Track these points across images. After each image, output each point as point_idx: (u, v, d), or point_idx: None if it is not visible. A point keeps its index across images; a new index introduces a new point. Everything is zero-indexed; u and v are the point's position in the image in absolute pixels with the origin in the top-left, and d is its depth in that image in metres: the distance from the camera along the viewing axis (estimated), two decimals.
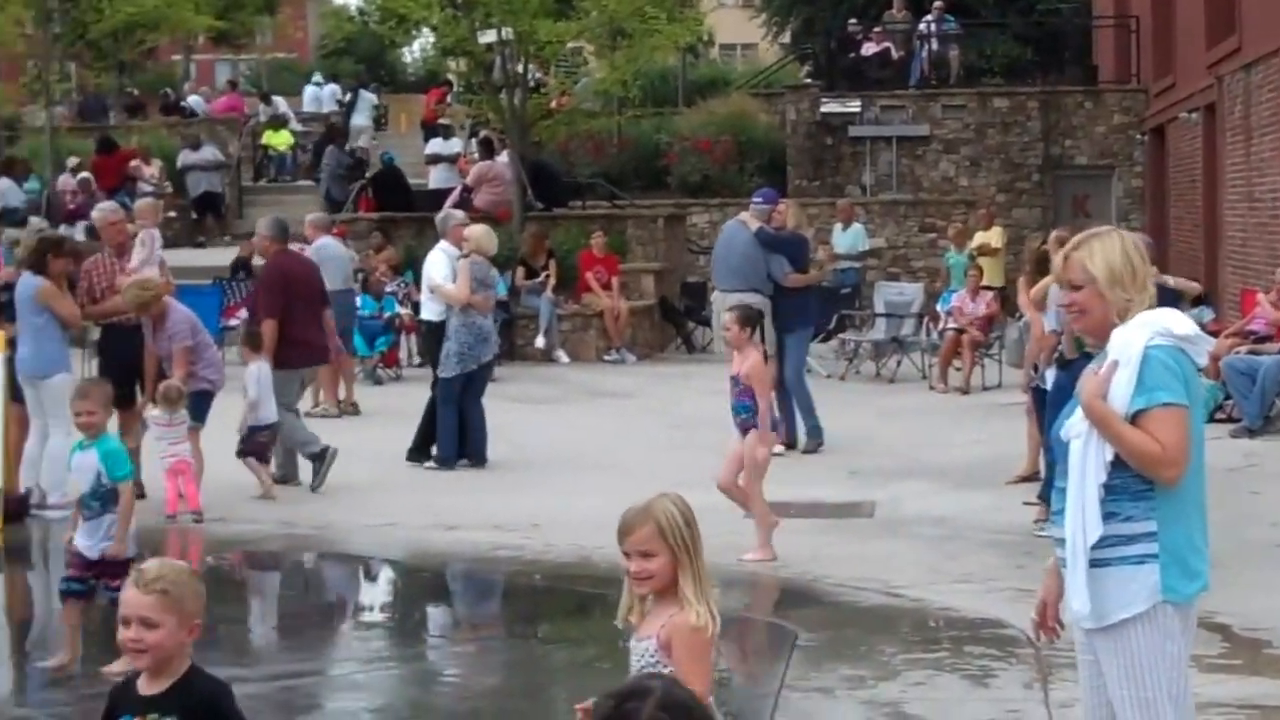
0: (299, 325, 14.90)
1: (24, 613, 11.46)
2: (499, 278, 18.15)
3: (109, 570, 8.91)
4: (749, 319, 11.91)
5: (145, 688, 4.71)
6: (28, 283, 13.56)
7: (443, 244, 16.56)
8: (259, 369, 14.42)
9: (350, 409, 18.93)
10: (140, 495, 13.96)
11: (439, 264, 16.31)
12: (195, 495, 13.39)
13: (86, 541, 9.08)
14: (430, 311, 16.66)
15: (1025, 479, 13.70)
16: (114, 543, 9.02)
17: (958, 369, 20.83)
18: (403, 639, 10.82)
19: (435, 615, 11.84)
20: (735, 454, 11.70)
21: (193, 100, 41.04)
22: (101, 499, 9.10)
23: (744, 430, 11.61)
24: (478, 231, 16.27)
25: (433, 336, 16.24)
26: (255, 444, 14.34)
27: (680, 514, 5.09)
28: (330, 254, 19.09)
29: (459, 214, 18.18)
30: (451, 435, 15.47)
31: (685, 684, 4.82)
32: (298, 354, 14.92)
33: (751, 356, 11.64)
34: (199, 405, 13.79)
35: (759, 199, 17.10)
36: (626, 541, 5.09)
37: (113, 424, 14.00)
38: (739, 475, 11.69)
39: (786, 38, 41.43)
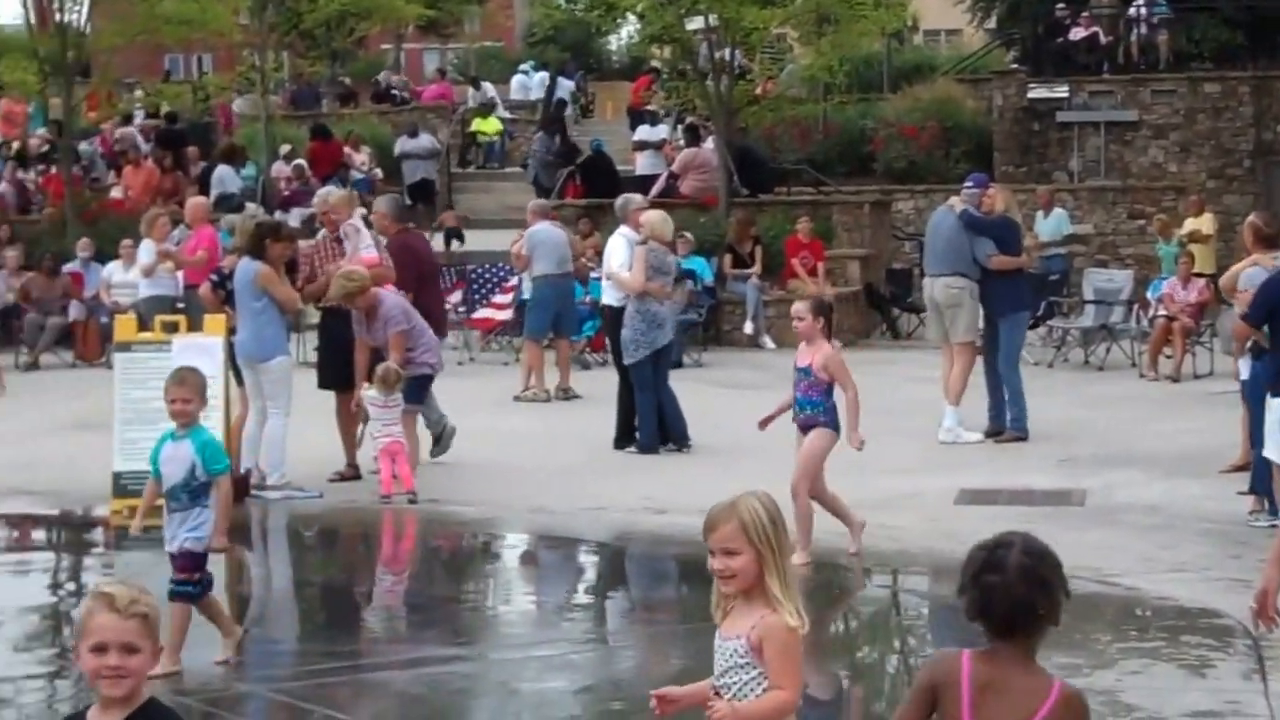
0: (425, 299, 15.26)
1: (246, 590, 11.75)
2: (677, 263, 18.13)
3: (180, 563, 8.71)
4: (821, 309, 11.38)
5: (99, 718, 4.40)
6: (246, 267, 13.84)
7: (623, 229, 16.58)
8: None
9: (562, 394, 19.11)
10: (355, 476, 14.39)
11: (618, 250, 16.32)
12: (409, 476, 13.63)
13: (167, 533, 8.82)
14: (611, 297, 16.62)
15: (1239, 468, 13.50)
16: (212, 537, 8.73)
17: (1168, 356, 20.52)
18: (617, 620, 10.97)
19: (649, 597, 11.90)
20: (805, 452, 11.23)
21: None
22: (192, 492, 8.75)
23: (805, 427, 11.19)
24: (654, 218, 16.16)
25: (614, 322, 16.26)
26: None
27: (766, 512, 4.98)
28: (547, 238, 19.35)
29: (638, 198, 18.15)
30: (651, 421, 15.54)
31: (777, 686, 5.00)
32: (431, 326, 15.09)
33: (824, 348, 11.13)
34: (418, 388, 14.05)
35: (969, 183, 17.01)
36: (711, 538, 5.00)
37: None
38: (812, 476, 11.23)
39: (992, 23, 40.98)
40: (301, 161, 30.33)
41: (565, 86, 39.13)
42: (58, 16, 27.81)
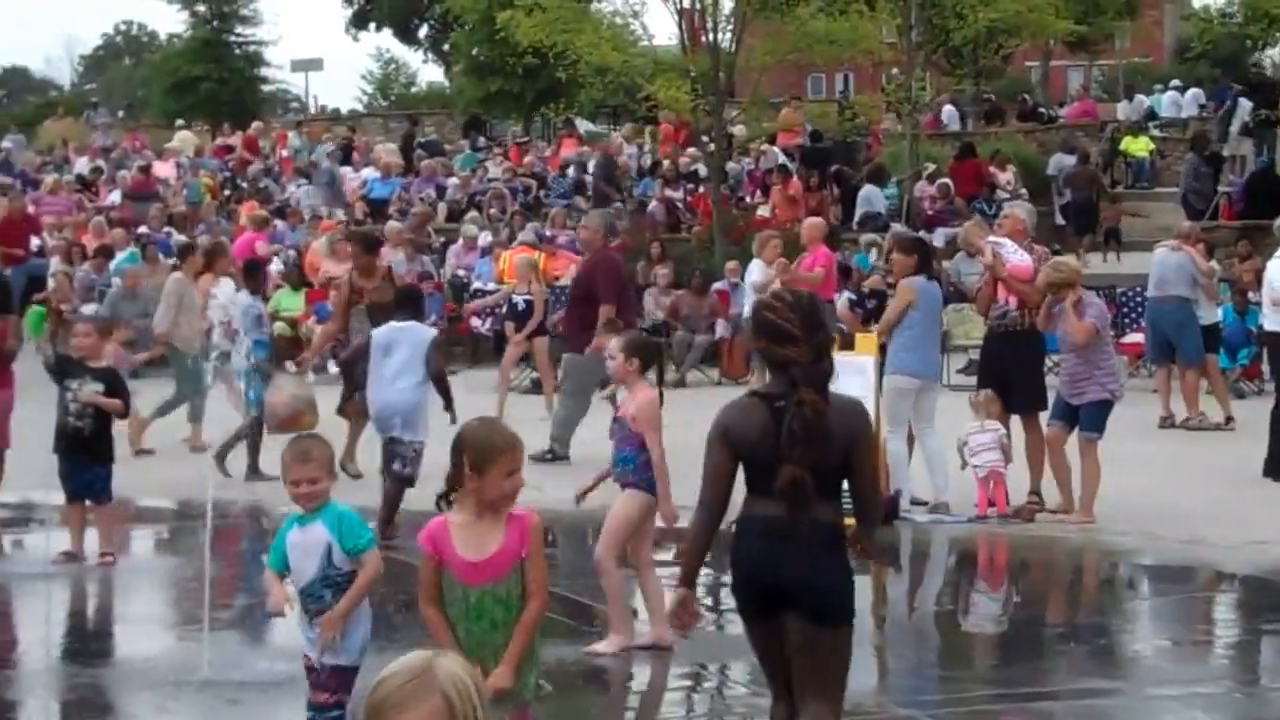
0: (625, 312, 16.25)
1: (889, 612, 11.54)
2: None
3: (324, 679, 7.08)
4: (635, 348, 9.61)
5: None
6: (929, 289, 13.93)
7: None
8: None
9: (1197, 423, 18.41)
10: (1038, 505, 13.90)
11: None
12: (1003, 500, 13.55)
13: (306, 639, 7.18)
14: (1273, 322, 15.96)
15: None
16: (339, 623, 6.97)
17: None
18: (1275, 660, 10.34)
19: None
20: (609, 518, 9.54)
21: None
22: (335, 586, 7.02)
23: (623, 485, 9.46)
24: None
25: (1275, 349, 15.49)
26: None
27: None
28: (1173, 264, 18.74)
29: None
30: None
31: None
32: None
33: (639, 395, 9.39)
34: (1098, 415, 13.49)
35: None
36: None
37: None
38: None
39: None
40: (946, 181, 30.07)
41: (1244, 107, 37.47)
42: (710, 37, 28.50)
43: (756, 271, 20.14)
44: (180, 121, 45.21)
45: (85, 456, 12.68)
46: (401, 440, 12.71)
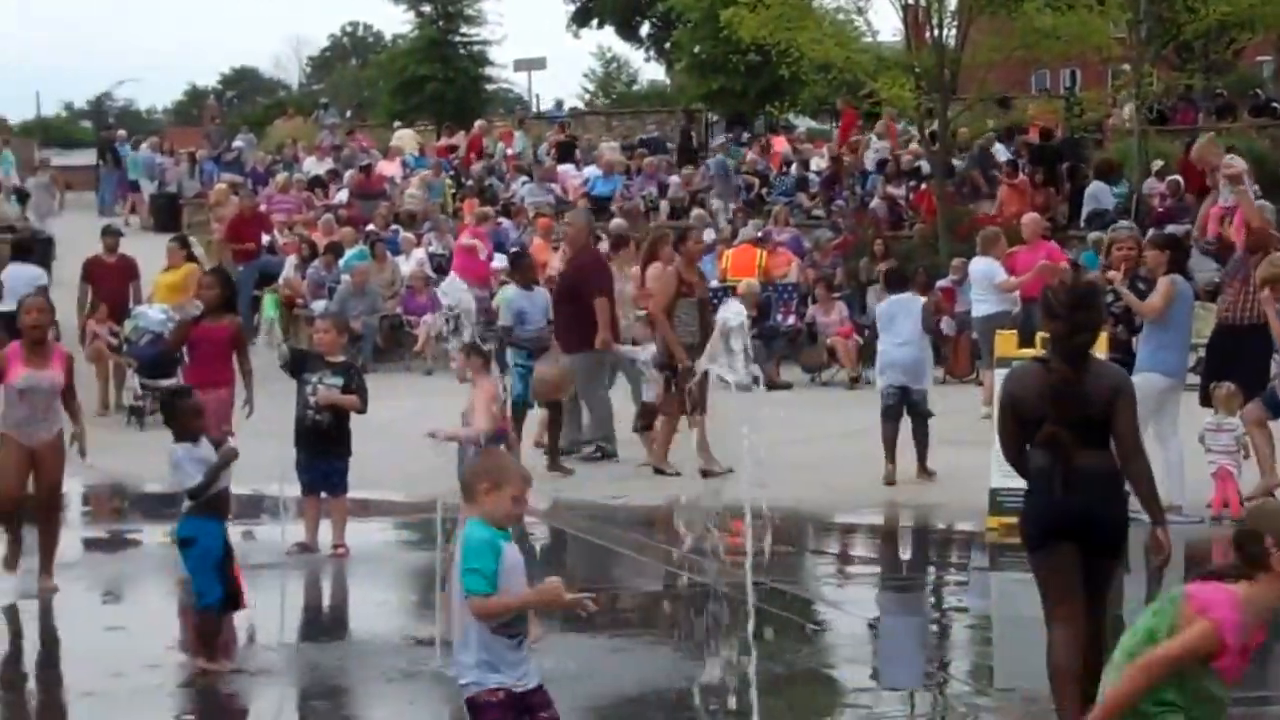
0: (613, 308, 17.28)
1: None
2: None
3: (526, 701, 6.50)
4: (475, 348, 11.30)
5: None
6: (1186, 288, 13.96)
7: None
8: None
9: None
10: None
11: None
12: (1235, 500, 13.49)
13: (511, 657, 6.50)
14: None
15: None
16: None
17: None
18: None
19: None
20: None
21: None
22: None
23: None
24: None
25: None
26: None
27: None
28: None
29: None
30: None
31: None
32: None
33: (479, 390, 10.83)
34: None
35: None
36: None
37: None
38: None
39: None
40: (1177, 177, 29.42)
41: None
42: (935, 33, 28.22)
43: (985, 269, 19.89)
44: (398, 123, 45.81)
45: (324, 449, 13.04)
46: (910, 388, 15.60)
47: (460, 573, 6.26)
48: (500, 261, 27.04)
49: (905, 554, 14.42)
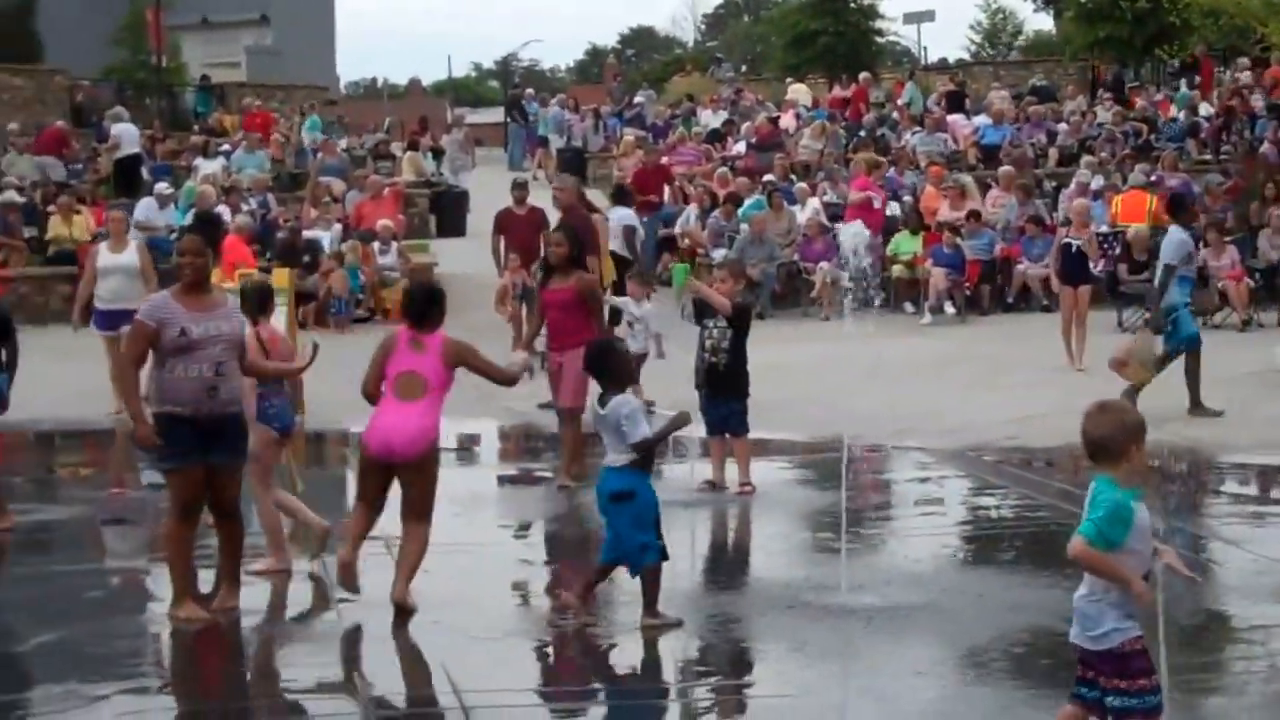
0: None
1: None
2: None
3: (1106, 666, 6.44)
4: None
5: None
6: None
7: None
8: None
9: None
10: None
11: None
12: None
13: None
14: None
15: None
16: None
17: None
18: None
19: None
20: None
21: None
22: None
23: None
24: None
25: None
26: None
27: None
28: None
29: None
30: None
31: None
32: None
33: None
34: None
35: None
36: None
37: None
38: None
39: None
40: None
41: None
42: None
43: None
44: (790, 77, 46.94)
45: (722, 391, 13.72)
46: None
47: (1084, 522, 6.29)
48: (894, 209, 28.05)
49: None
